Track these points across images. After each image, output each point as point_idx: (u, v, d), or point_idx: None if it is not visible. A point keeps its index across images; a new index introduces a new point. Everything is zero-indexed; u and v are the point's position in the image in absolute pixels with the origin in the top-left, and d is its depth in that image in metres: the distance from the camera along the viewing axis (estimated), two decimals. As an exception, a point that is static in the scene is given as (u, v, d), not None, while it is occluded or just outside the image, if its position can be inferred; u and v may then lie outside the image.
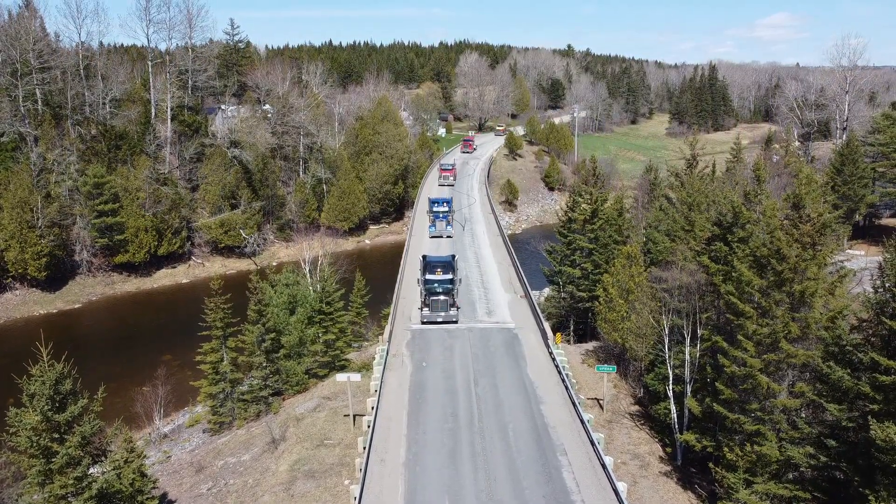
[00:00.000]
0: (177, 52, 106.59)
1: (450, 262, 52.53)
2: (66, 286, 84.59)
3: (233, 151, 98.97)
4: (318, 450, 34.96)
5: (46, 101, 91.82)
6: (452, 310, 49.01)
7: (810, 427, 26.19)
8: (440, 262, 51.65)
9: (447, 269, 50.47)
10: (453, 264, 52.47)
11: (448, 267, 50.89)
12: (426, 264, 51.64)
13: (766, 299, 26.73)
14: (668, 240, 43.26)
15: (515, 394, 38.30)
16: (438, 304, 48.54)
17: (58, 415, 25.17)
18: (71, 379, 26.08)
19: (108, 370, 65.57)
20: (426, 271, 50.34)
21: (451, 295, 49.76)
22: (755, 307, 27.44)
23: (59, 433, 25.41)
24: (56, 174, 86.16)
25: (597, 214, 51.72)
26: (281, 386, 42.86)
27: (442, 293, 49.26)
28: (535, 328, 48.45)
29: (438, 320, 48.38)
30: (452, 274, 50.35)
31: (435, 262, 52.02)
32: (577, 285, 52.47)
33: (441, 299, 48.81)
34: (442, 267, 50.44)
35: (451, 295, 49.89)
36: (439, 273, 49.54)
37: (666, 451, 36.12)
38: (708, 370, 30.45)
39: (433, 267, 50.57)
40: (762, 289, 27.04)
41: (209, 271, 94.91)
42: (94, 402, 27.12)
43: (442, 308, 48.56)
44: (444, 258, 54.43)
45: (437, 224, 75.09)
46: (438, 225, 75.01)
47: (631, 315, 39.49)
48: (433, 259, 53.40)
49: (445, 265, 51.03)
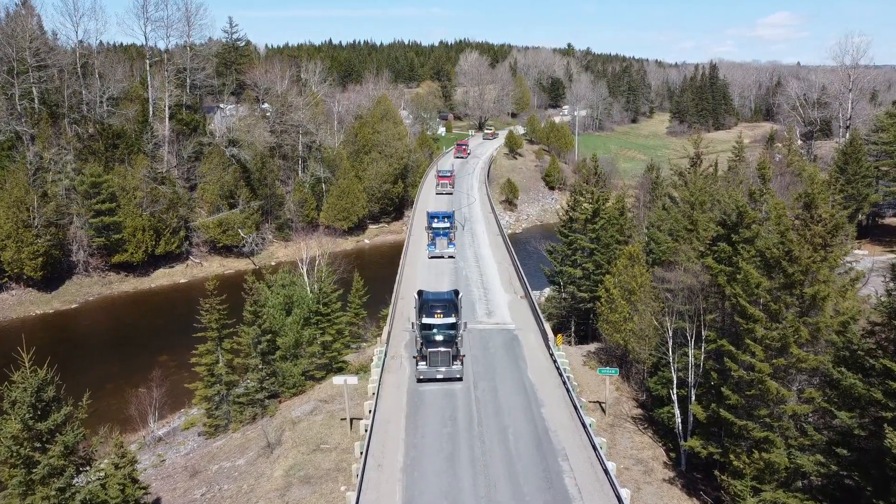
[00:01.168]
0: (175, 50, 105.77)
1: (452, 300, 41.99)
2: (63, 286, 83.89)
3: (231, 150, 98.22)
4: (314, 454, 34.23)
5: (43, 100, 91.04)
6: (456, 364, 38.64)
7: (820, 434, 25.44)
8: (440, 302, 41.04)
9: (449, 309, 40.38)
10: (457, 303, 41.90)
11: (450, 307, 40.61)
12: (423, 304, 41.12)
13: (777, 303, 25.95)
14: (670, 240, 42.52)
15: (516, 396, 37.56)
16: (438, 357, 38.37)
17: (40, 423, 24.29)
18: (54, 386, 25.10)
19: (105, 371, 65.10)
20: (422, 312, 40.41)
21: (453, 344, 39.46)
22: (763, 310, 26.66)
23: (41, 442, 24.53)
24: (53, 173, 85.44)
25: (598, 214, 50.99)
26: (277, 388, 42.15)
27: (442, 343, 39.09)
28: (536, 329, 47.71)
29: (438, 377, 38.48)
30: (456, 316, 40.37)
31: (434, 301, 41.24)
32: (578, 286, 51.72)
33: (441, 351, 38.51)
34: (443, 307, 40.30)
35: (455, 344, 39.62)
36: (439, 316, 39.83)
37: (670, 456, 35.38)
38: (713, 375, 29.67)
39: (431, 307, 40.37)
40: (771, 291, 26.28)
41: (207, 271, 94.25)
42: (79, 410, 26.20)
43: (443, 361, 38.38)
44: (444, 296, 43.06)
45: (437, 242, 65.52)
46: (439, 243, 65.42)
47: (633, 316, 38.75)
48: (432, 297, 42.34)
49: (447, 305, 40.70)
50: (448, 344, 39.13)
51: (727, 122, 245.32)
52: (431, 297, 42.06)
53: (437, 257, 65.01)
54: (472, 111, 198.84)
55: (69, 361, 67.58)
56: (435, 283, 58.34)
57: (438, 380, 38.53)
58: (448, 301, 41.41)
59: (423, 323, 39.85)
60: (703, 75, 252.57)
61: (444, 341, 39.26)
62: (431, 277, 59.62)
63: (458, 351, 39.75)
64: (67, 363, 67.23)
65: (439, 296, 43.00)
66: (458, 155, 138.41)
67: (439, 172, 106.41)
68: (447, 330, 39.61)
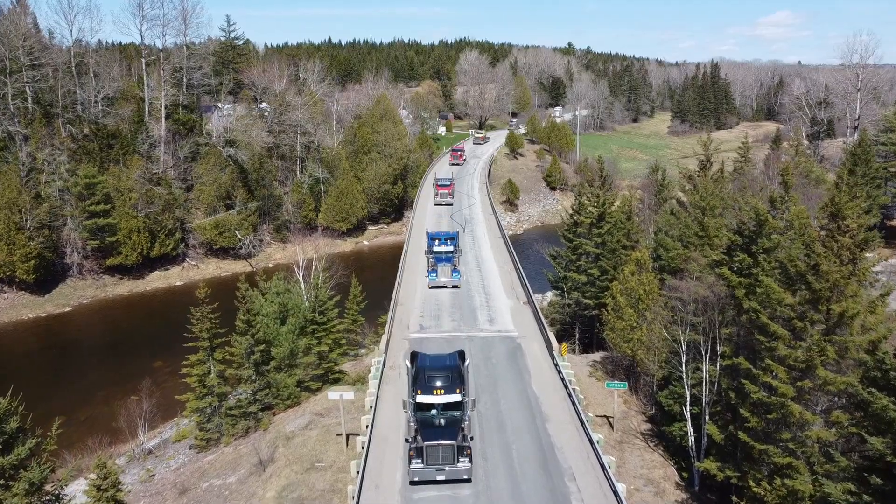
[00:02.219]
0: (171, 49, 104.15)
1: (456, 366, 31.76)
2: (57, 289, 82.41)
3: (228, 151, 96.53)
4: (308, 474, 32.62)
5: (37, 100, 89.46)
6: (462, 462, 28.63)
7: (849, 460, 23.82)
8: (441, 371, 31.04)
9: (453, 380, 30.39)
10: (462, 370, 31.72)
11: (453, 377, 30.60)
12: (418, 373, 31.16)
13: (802, 320, 24.32)
14: (680, 246, 40.87)
15: (519, 410, 35.99)
16: (438, 453, 28.41)
17: (2, 458, 22.11)
18: (18, 416, 22.78)
19: (97, 377, 63.61)
20: (416, 383, 30.58)
21: (457, 431, 29.27)
22: (785, 326, 25.03)
23: (3, 479, 22.45)
24: (46, 174, 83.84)
25: (604, 218, 49.30)
26: (271, 400, 40.51)
27: (446, 429, 29.16)
28: (539, 337, 46.15)
29: (439, 479, 28.65)
30: (461, 390, 30.26)
31: (433, 369, 31.29)
32: (582, 292, 50.03)
33: (443, 445, 28.41)
34: (443, 377, 30.40)
35: (460, 431, 29.49)
36: (439, 392, 29.89)
37: (682, 475, 33.78)
38: (731, 394, 28.01)
39: (430, 376, 30.36)
40: (794, 307, 24.65)
41: (204, 273, 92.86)
42: (47, 442, 24.04)
43: (445, 458, 28.42)
44: (446, 361, 32.48)
45: (439, 269, 55.58)
46: (441, 271, 55.46)
47: (642, 325, 37.13)
48: (430, 363, 32.18)
49: (449, 374, 30.72)
50: (451, 432, 28.93)
51: (729, 121, 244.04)
52: (431, 364, 31.91)
53: (439, 287, 55.24)
54: (472, 111, 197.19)
55: (61, 367, 66.38)
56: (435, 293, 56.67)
57: (438, 482, 28.69)
58: (451, 370, 31.21)
59: (419, 402, 30.05)
60: (705, 74, 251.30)
61: (447, 425, 29.31)
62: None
63: (464, 437, 29.44)
64: (59, 369, 66.34)
65: (441, 361, 32.51)
66: (454, 162, 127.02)
67: (437, 182, 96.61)
68: (450, 412, 29.79)
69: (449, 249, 58.46)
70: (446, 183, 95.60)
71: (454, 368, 31.57)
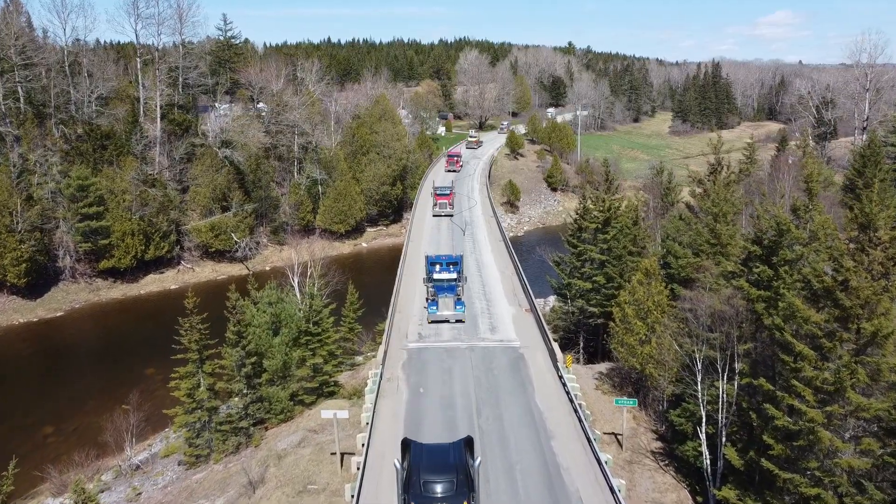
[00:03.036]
0: (167, 48, 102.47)
1: (462, 463, 25.14)
2: (49, 293, 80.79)
3: (224, 152, 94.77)
4: (299, 497, 30.87)
5: (29, 100, 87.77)
6: None
7: (882, 492, 22.14)
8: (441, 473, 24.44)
9: (458, 485, 23.97)
10: (469, 467, 25.02)
11: (458, 481, 24.13)
12: (410, 472, 24.92)
13: (829, 339, 22.60)
14: (690, 254, 39.02)
15: (523, 427, 34.30)
16: None
17: None
18: None
19: (88, 385, 62.07)
20: (408, 488, 24.45)
21: None
22: (811, 345, 23.29)
23: None
24: (38, 175, 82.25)
25: (609, 223, 47.50)
26: (263, 415, 38.76)
27: None
28: (543, 347, 44.45)
29: None
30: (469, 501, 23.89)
31: (431, 469, 24.73)
32: (587, 299, 48.16)
33: None
34: (445, 481, 23.99)
35: None
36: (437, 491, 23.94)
37: (696, 500, 32.04)
38: (752, 415, 26.25)
39: (426, 481, 24.11)
40: (821, 325, 22.93)
41: (199, 277, 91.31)
42: (3, 483, 22.23)
43: None
44: (449, 457, 25.43)
45: (440, 301, 47.93)
46: (443, 302, 47.75)
47: (651, 338, 35.35)
48: (427, 460, 25.38)
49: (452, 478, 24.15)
50: None
51: (730, 121, 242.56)
52: (428, 459, 25.48)
53: (439, 321, 47.54)
54: (472, 110, 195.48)
55: (52, 374, 64.70)
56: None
57: None
58: (455, 468, 24.71)
59: None
60: (706, 74, 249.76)
61: None
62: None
63: None
64: (50, 376, 64.65)
65: (441, 455, 25.82)
66: (451, 169, 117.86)
67: (436, 191, 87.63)
68: None
69: (451, 276, 49.28)
70: (446, 192, 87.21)
71: (459, 467, 24.71)
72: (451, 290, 48.71)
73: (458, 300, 48.37)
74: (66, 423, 54.44)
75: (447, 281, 49.18)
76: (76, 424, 54.52)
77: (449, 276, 49.57)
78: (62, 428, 53.75)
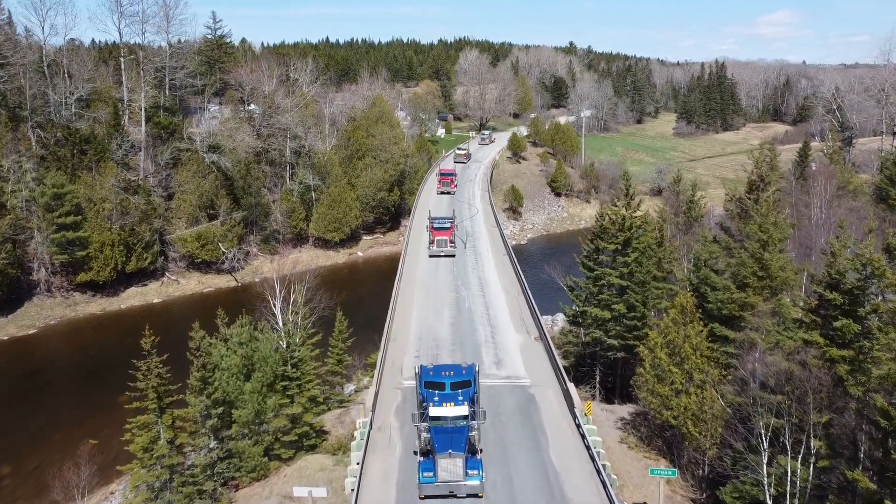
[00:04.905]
0: (152, 47, 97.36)
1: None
2: (22, 308, 76.05)
3: (210, 157, 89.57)
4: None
5: (3, 101, 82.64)
6: None
7: None
8: None
9: None
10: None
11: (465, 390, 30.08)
12: None
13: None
14: (733, 286, 33.56)
15: (537, 493, 29.24)
16: None
17: None
18: None
19: (57, 415, 56.95)
20: None
21: None
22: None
23: None
24: (11, 183, 77.22)
25: (630, 244, 42.27)
26: (233, 473, 33.55)
27: None
28: (555, 384, 39.54)
29: None
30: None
31: None
32: (606, 330, 42.81)
33: None
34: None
35: None
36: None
37: None
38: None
39: None
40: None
41: (184, 289, 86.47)
42: None
43: None
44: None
45: (439, 463, 28.06)
46: (444, 465, 28.05)
47: (689, 388, 30.15)
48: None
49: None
50: None
51: (735, 122, 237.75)
52: None
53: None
54: (472, 112, 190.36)
55: (18, 401, 59.52)
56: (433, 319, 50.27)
57: None
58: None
59: None
60: (711, 74, 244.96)
61: None
62: (429, 313, 51.46)
63: None
64: (15, 404, 59.39)
65: None
66: (444, 190, 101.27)
67: (432, 222, 69.63)
68: None
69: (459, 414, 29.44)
70: (445, 224, 68.64)
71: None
72: (457, 442, 28.42)
73: (469, 459, 28.73)
74: (27, 461, 49.55)
75: (452, 421, 29.09)
76: (37, 462, 49.51)
77: (455, 410, 29.32)
78: (21, 468, 48.80)
